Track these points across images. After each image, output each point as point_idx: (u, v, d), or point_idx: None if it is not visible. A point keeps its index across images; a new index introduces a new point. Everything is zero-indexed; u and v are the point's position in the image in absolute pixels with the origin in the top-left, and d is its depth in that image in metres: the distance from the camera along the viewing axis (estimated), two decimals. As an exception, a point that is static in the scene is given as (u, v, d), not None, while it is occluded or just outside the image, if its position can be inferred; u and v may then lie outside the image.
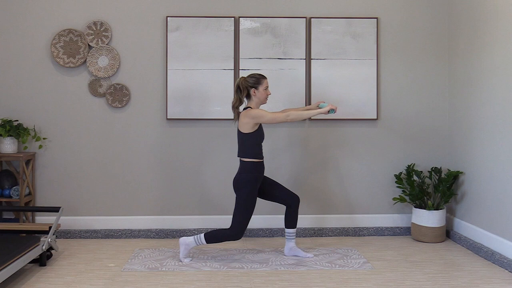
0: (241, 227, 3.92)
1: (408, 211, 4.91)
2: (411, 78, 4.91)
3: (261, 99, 4.01)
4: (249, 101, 4.02)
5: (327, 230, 4.84)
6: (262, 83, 3.98)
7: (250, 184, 3.93)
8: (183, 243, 4.02)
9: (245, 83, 3.98)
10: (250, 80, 3.98)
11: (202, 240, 3.96)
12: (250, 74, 4.01)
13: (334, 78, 4.82)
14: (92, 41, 4.74)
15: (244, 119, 3.92)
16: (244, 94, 3.99)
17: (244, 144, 3.96)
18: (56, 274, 3.73)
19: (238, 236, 3.92)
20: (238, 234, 3.92)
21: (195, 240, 3.98)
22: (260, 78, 3.99)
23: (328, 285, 3.51)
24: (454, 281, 3.59)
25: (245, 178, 3.93)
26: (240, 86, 3.98)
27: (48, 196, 4.79)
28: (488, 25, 4.18)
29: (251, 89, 3.97)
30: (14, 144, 4.58)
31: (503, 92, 3.96)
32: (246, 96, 4.01)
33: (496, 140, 4.07)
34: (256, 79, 3.98)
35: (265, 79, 3.99)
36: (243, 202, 3.92)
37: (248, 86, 3.97)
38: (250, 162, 3.95)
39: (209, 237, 3.94)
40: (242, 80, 3.99)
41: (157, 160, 4.82)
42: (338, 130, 4.88)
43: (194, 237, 3.99)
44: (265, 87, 3.99)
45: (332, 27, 4.81)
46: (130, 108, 4.81)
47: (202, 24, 4.77)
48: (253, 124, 3.92)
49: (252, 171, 3.95)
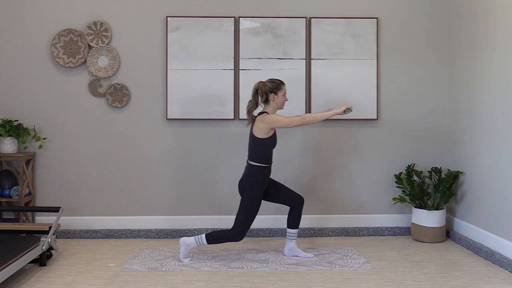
0: (243, 229, 3.92)
1: (408, 211, 4.91)
2: (411, 78, 4.91)
3: (279, 104, 3.99)
4: (266, 106, 3.99)
5: (327, 230, 4.84)
6: (281, 89, 3.96)
7: (256, 188, 3.93)
8: (184, 243, 4.01)
9: (265, 87, 3.95)
10: (271, 85, 3.95)
11: (203, 241, 3.95)
12: (270, 79, 3.99)
13: (334, 78, 4.82)
14: (92, 41, 4.74)
15: (260, 124, 3.90)
16: (263, 99, 3.97)
17: (256, 148, 3.94)
18: (56, 274, 3.73)
19: (239, 237, 3.92)
20: (240, 235, 3.92)
21: (196, 241, 3.97)
22: (280, 83, 3.97)
23: (328, 285, 3.51)
24: (454, 281, 3.59)
25: (251, 182, 3.93)
26: (258, 90, 3.96)
27: (48, 196, 4.79)
28: (488, 24, 4.18)
29: (271, 94, 3.94)
30: (14, 144, 4.58)
31: (503, 92, 3.96)
32: (264, 101, 3.99)
33: (496, 140, 4.07)
34: (277, 85, 3.96)
35: (284, 85, 3.98)
36: (247, 205, 3.92)
37: (268, 91, 3.94)
38: (258, 167, 3.94)
39: (210, 238, 3.94)
40: (261, 84, 3.96)
41: (157, 160, 4.82)
42: (338, 130, 4.88)
43: (195, 237, 3.99)
44: (283, 93, 3.98)
45: (332, 27, 4.81)
46: (130, 108, 4.81)
47: (202, 24, 4.77)
48: (269, 130, 3.91)
49: (259, 175, 3.94)
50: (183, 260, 4.02)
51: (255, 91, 3.98)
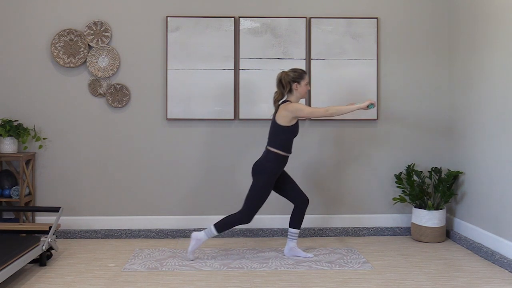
0: (252, 212, 3.95)
1: (408, 211, 4.91)
2: (411, 78, 4.91)
3: (302, 93, 4.04)
4: (289, 95, 4.04)
5: (327, 230, 4.84)
6: (303, 78, 4.01)
7: (269, 174, 3.95)
8: (195, 237, 4.03)
9: (288, 77, 4.00)
10: (293, 75, 4.00)
11: (213, 231, 3.98)
12: (292, 69, 4.05)
13: (334, 78, 4.82)
14: (92, 41, 4.74)
15: (283, 111, 3.95)
16: (287, 89, 4.01)
17: (276, 135, 3.98)
18: (56, 274, 3.73)
19: (248, 219, 3.95)
20: (248, 218, 3.95)
21: (206, 234, 4.00)
22: (302, 73, 4.03)
23: (328, 285, 3.51)
24: (454, 281, 3.59)
25: (266, 167, 3.95)
26: (282, 80, 4.01)
27: (48, 196, 4.79)
28: (488, 24, 4.18)
29: (294, 84, 4.00)
30: (14, 144, 4.58)
31: (503, 92, 3.96)
32: (288, 91, 4.03)
33: (496, 140, 4.07)
34: (299, 74, 4.01)
35: (306, 74, 4.04)
36: (256, 190, 3.95)
37: (291, 80, 4.00)
38: (276, 153, 3.97)
39: (219, 226, 3.97)
40: (284, 74, 4.02)
41: (157, 160, 4.82)
42: (338, 130, 4.88)
43: (204, 231, 4.01)
44: (306, 82, 4.03)
45: (332, 27, 4.81)
46: (130, 108, 4.81)
47: (202, 24, 4.77)
48: (292, 118, 3.94)
49: (275, 162, 3.97)
50: (190, 255, 4.03)
51: (278, 81, 4.04)
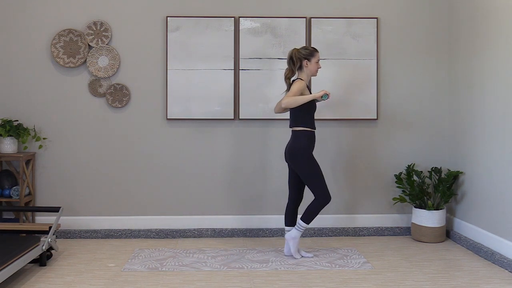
0: (324, 191, 3.97)
1: (408, 211, 4.91)
2: (411, 78, 4.91)
3: (312, 71, 4.07)
4: (300, 72, 4.07)
5: (327, 230, 4.84)
6: (314, 56, 4.04)
7: (305, 151, 3.97)
8: (290, 238, 4.06)
9: (298, 54, 4.03)
10: (304, 52, 4.04)
11: (303, 225, 4.00)
12: (304, 46, 4.10)
13: (334, 78, 4.81)
14: (92, 41, 4.74)
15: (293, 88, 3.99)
16: (297, 66, 4.04)
17: (296, 113, 4.02)
18: (56, 274, 3.73)
19: (328, 199, 3.98)
20: (326, 197, 3.98)
21: (298, 229, 4.03)
22: (313, 50, 4.05)
23: (328, 285, 3.51)
24: (454, 281, 3.59)
25: (299, 147, 3.97)
26: (293, 57, 4.04)
27: (48, 196, 4.79)
28: (488, 25, 4.18)
29: (304, 61, 4.03)
30: (14, 144, 4.58)
31: (503, 92, 3.96)
32: (298, 68, 4.05)
33: (496, 140, 4.07)
34: (310, 51, 4.04)
35: (317, 52, 4.07)
36: (309, 172, 3.97)
37: (302, 57, 4.02)
38: (302, 131, 4.00)
39: (306, 219, 3.99)
40: (295, 51, 4.05)
41: (156, 160, 4.82)
42: (338, 130, 4.88)
43: (295, 228, 4.04)
44: (317, 60, 4.05)
45: (332, 27, 4.81)
46: (130, 108, 4.81)
47: (202, 24, 4.77)
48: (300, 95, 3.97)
49: (305, 139, 3.98)
50: (296, 256, 4.07)
51: (289, 58, 4.06)
